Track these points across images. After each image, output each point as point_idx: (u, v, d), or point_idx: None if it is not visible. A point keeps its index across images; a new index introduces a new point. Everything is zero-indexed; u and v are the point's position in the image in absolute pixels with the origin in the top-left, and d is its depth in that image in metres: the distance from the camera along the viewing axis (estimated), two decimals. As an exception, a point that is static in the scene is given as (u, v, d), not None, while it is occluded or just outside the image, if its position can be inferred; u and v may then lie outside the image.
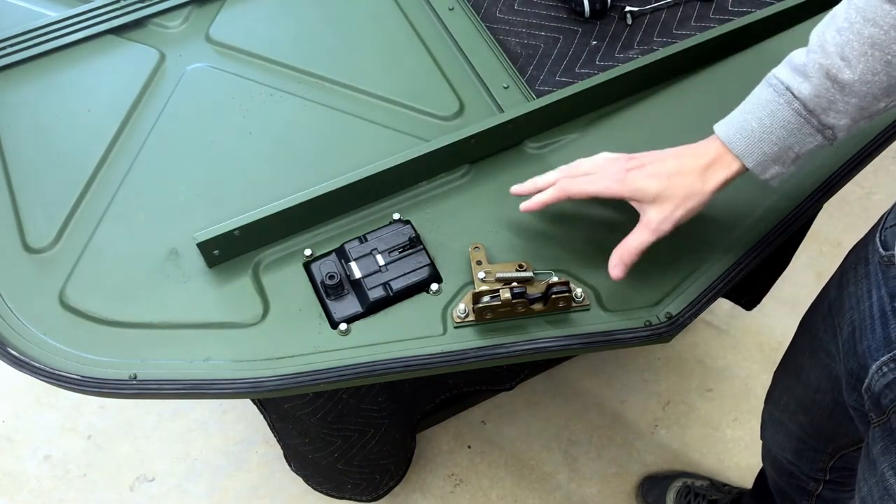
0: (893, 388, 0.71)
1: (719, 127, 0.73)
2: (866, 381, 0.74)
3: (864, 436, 0.81)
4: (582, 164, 0.79)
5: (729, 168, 0.72)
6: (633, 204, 0.76)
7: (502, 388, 1.36)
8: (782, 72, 0.70)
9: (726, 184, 0.73)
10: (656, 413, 1.61)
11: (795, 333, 1.01)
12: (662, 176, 0.74)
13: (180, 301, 0.81)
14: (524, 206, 0.80)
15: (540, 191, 0.80)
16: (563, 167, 0.80)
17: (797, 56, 0.70)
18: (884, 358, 0.72)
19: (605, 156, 0.79)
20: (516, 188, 0.82)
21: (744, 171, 0.73)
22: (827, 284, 0.92)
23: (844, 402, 0.85)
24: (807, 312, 0.98)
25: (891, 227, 0.76)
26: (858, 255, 0.82)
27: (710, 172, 0.73)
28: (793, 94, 0.68)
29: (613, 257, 0.77)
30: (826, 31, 0.67)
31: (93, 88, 0.96)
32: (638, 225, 0.76)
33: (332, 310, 0.79)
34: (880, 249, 0.76)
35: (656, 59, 0.91)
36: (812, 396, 0.96)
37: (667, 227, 0.74)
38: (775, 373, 1.08)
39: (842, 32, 0.66)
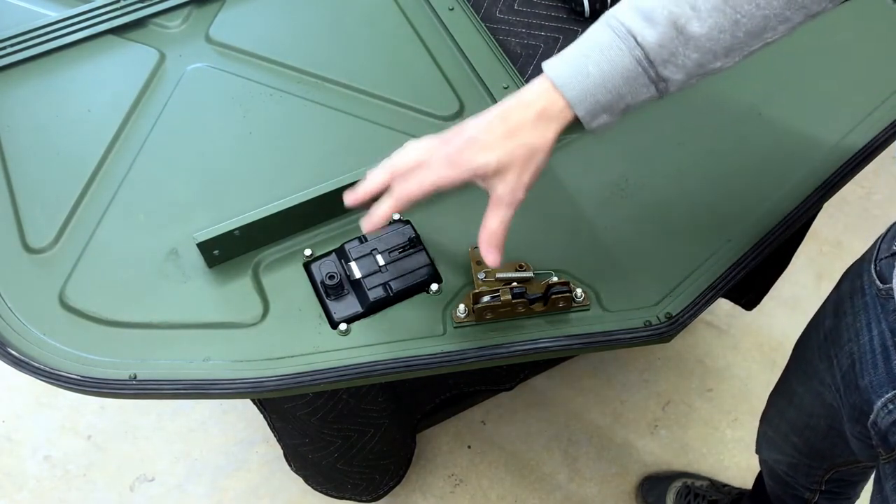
0: None
1: (551, 66, 0.65)
2: (871, 416, 0.73)
3: (861, 458, 0.81)
4: (406, 155, 0.70)
5: (561, 117, 0.65)
6: (478, 182, 0.68)
7: (502, 388, 1.36)
8: (626, 14, 0.63)
9: (560, 133, 0.66)
10: (656, 413, 1.61)
11: (790, 357, 1.00)
12: (496, 144, 0.66)
13: (180, 301, 0.81)
14: (367, 228, 0.71)
15: (374, 196, 0.71)
16: (387, 164, 0.71)
17: None
18: (889, 395, 0.71)
19: (421, 143, 0.70)
20: (349, 199, 0.73)
21: (574, 121, 0.66)
22: (822, 310, 0.90)
23: (839, 428, 0.85)
24: (802, 336, 0.96)
25: (885, 258, 0.74)
26: (854, 285, 0.80)
27: (542, 122, 0.65)
28: (636, 40, 0.62)
29: (482, 244, 0.69)
30: None
31: (93, 88, 0.96)
32: (490, 203, 0.68)
33: (332, 310, 0.79)
34: (877, 282, 0.74)
35: (656, 59, 0.91)
36: (806, 420, 0.95)
37: (520, 195, 0.67)
38: (770, 394, 1.07)
39: None
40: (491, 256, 0.69)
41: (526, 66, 0.97)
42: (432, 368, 0.77)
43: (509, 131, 0.65)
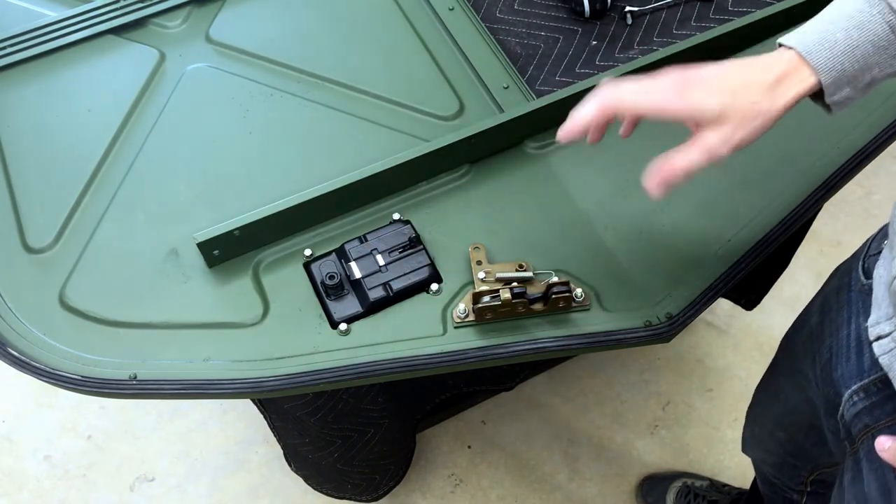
0: (862, 418, 0.71)
1: (793, 37, 0.63)
2: (840, 408, 0.74)
3: (839, 459, 0.81)
4: (628, 79, 0.66)
5: (803, 83, 0.62)
6: (689, 124, 0.65)
7: (502, 388, 1.36)
8: None
9: (796, 102, 0.63)
10: (656, 413, 1.61)
11: (777, 352, 1.00)
12: (726, 91, 0.62)
13: (180, 301, 0.81)
14: (562, 133, 0.67)
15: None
16: (607, 81, 0.66)
17: None
18: (855, 387, 0.71)
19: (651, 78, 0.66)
20: (562, 134, 0.67)
21: (816, 89, 0.63)
22: (809, 306, 0.90)
23: (820, 426, 0.85)
24: (788, 332, 0.97)
25: (874, 254, 0.74)
26: (842, 282, 0.81)
27: (781, 88, 0.62)
28: (890, 5, 0.60)
29: (653, 171, 0.64)
30: None
31: (93, 88, 0.96)
32: (690, 143, 0.63)
33: (332, 310, 0.79)
34: (862, 278, 0.74)
35: (656, 59, 0.91)
36: (790, 417, 0.96)
37: (724, 150, 0.63)
38: (756, 390, 1.08)
39: None
40: (653, 185, 0.64)
41: (526, 66, 0.97)
42: (432, 368, 0.77)
43: (744, 85, 0.62)
